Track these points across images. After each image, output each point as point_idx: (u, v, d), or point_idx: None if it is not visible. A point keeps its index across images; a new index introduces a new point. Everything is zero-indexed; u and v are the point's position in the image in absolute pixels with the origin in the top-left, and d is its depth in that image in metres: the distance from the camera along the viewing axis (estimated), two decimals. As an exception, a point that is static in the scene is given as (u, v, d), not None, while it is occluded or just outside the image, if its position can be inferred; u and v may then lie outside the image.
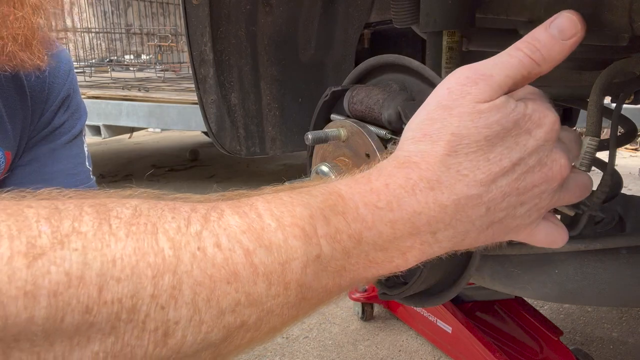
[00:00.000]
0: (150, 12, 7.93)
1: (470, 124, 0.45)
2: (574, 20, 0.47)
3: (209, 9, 1.12)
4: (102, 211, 0.36)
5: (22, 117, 0.85)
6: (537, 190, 0.48)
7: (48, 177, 0.89)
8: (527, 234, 0.52)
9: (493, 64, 0.49)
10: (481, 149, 0.46)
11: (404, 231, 0.45)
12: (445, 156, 0.45)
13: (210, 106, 1.22)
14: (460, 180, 0.45)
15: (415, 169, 0.45)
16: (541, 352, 1.70)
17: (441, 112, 0.46)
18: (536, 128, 0.48)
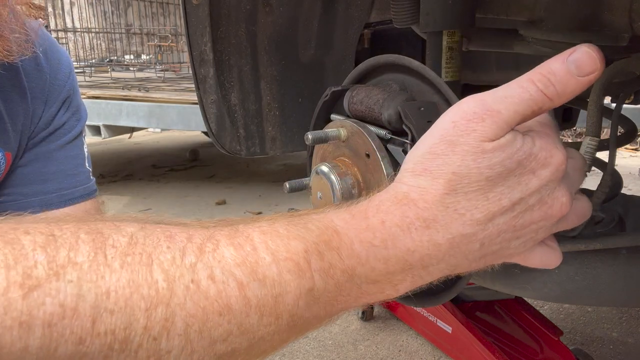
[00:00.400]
0: (150, 12, 7.93)
1: (472, 164, 0.44)
2: (593, 57, 0.45)
3: (209, 9, 1.11)
4: (98, 240, 0.36)
5: (22, 118, 0.85)
6: (535, 227, 0.48)
7: (48, 177, 0.89)
8: (521, 259, 0.52)
9: (503, 97, 0.46)
10: (481, 189, 0.45)
11: (396, 267, 0.45)
12: (444, 195, 0.45)
13: (210, 106, 1.22)
14: (457, 219, 0.45)
15: (412, 207, 0.45)
16: (541, 352, 1.70)
17: (444, 147, 0.45)
18: (541, 168, 0.47)
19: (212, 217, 2.54)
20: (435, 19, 0.84)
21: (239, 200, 3.96)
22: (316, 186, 0.73)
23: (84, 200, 0.93)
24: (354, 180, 0.71)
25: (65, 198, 0.90)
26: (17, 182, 0.88)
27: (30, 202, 0.88)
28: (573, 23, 0.78)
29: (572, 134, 5.24)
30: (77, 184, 0.92)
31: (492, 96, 0.46)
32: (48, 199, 0.89)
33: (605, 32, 0.77)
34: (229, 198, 4.01)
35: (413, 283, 0.47)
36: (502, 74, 1.33)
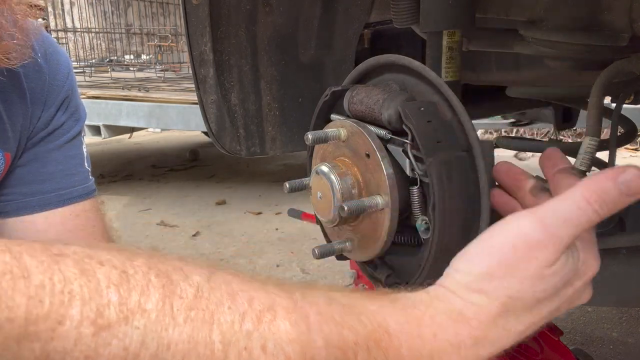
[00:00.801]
0: (150, 12, 7.93)
1: (529, 289, 0.47)
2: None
3: (209, 9, 1.11)
4: (167, 287, 0.38)
5: (21, 119, 0.85)
6: (557, 313, 0.52)
7: (46, 177, 0.89)
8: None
9: (563, 219, 0.48)
10: (530, 308, 0.48)
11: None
12: (497, 316, 0.47)
13: (210, 106, 1.22)
14: (504, 336, 0.48)
15: (466, 326, 0.47)
16: (541, 352, 1.70)
17: (503, 271, 0.48)
18: (578, 279, 0.51)
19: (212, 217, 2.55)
20: (435, 19, 0.84)
21: (239, 200, 3.96)
22: (316, 186, 0.73)
23: (82, 200, 0.92)
24: (354, 180, 0.71)
25: (63, 198, 0.90)
26: (15, 182, 0.88)
27: (29, 202, 0.88)
28: (573, 23, 0.78)
29: (572, 134, 5.24)
30: (75, 183, 0.92)
31: (553, 218, 0.48)
32: (46, 199, 0.89)
33: (605, 32, 0.77)
34: (229, 198, 4.01)
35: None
36: (502, 74, 1.33)
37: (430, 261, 0.67)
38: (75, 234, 0.90)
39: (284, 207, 3.37)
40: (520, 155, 4.90)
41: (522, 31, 0.84)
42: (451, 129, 0.67)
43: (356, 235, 0.74)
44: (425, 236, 0.68)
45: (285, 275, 2.65)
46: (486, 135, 5.42)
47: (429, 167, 0.64)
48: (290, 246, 3.04)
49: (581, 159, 0.77)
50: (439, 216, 0.64)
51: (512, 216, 0.51)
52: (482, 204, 0.66)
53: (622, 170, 0.49)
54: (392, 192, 0.66)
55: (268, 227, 3.36)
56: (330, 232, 0.81)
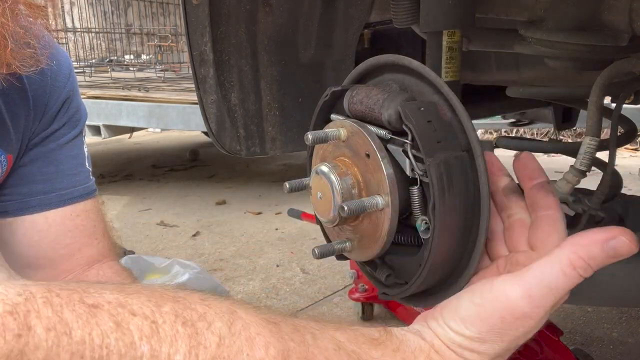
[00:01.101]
0: (150, 12, 7.93)
1: (512, 345, 0.52)
2: (630, 246, 0.51)
3: (209, 9, 1.11)
4: (193, 337, 0.41)
5: (23, 120, 0.85)
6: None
7: (47, 177, 0.89)
8: None
9: (548, 289, 0.50)
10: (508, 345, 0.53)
11: None
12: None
13: (210, 106, 1.22)
14: None
15: None
16: (541, 352, 1.70)
17: (493, 337, 0.52)
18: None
19: (212, 217, 2.55)
20: (435, 19, 0.84)
21: (239, 200, 3.96)
22: (316, 186, 0.73)
23: (83, 200, 0.92)
24: (354, 180, 0.71)
25: (64, 198, 0.90)
26: (16, 182, 0.88)
27: (29, 202, 0.88)
28: (573, 23, 0.78)
29: (572, 134, 5.24)
30: (76, 183, 0.92)
31: (539, 288, 0.50)
32: (47, 199, 0.89)
33: (605, 32, 0.77)
34: (229, 198, 4.01)
35: None
36: (502, 74, 1.33)
37: (430, 261, 0.67)
38: (76, 233, 0.90)
39: (284, 207, 3.38)
40: (520, 155, 4.88)
41: (522, 31, 0.84)
42: (451, 129, 0.67)
43: (356, 235, 0.74)
44: (425, 236, 0.68)
45: (285, 275, 2.65)
46: (486, 135, 5.41)
47: (429, 167, 0.64)
48: (290, 246, 3.04)
49: (581, 159, 0.77)
50: (439, 216, 0.64)
51: (501, 283, 0.54)
52: (482, 204, 0.66)
53: (610, 234, 0.51)
54: (392, 192, 0.66)
55: (268, 227, 3.36)
56: (330, 232, 0.81)
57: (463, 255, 0.70)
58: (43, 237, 0.88)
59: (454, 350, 0.53)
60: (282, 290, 2.47)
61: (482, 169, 0.65)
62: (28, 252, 0.88)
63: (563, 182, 0.79)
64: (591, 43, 0.77)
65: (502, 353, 0.52)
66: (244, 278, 2.63)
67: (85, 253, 0.91)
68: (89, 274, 0.91)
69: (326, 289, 2.47)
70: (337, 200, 0.69)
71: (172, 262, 2.23)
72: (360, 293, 2.09)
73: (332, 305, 2.31)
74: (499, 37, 0.96)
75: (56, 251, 0.88)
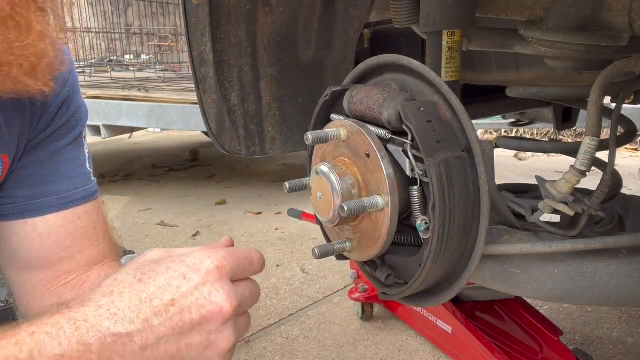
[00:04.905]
0: (150, 12, 7.92)
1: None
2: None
3: (209, 9, 1.11)
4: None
5: (20, 120, 0.84)
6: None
7: (47, 180, 0.89)
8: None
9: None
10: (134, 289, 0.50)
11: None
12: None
13: (210, 106, 1.22)
14: (108, 318, 0.48)
15: (61, 313, 0.48)
16: (541, 352, 1.70)
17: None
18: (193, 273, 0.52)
19: (212, 217, 2.54)
20: (435, 19, 0.84)
21: (239, 200, 3.95)
22: (316, 186, 0.73)
23: (84, 202, 0.92)
24: (354, 180, 0.71)
25: (65, 201, 0.89)
26: (16, 184, 0.87)
27: (30, 205, 0.87)
28: (573, 23, 0.78)
29: (572, 134, 5.24)
30: (77, 185, 0.92)
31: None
32: (48, 202, 0.88)
33: (605, 32, 0.77)
34: (229, 198, 4.01)
35: None
36: (502, 74, 1.33)
37: (430, 261, 0.67)
38: (77, 236, 0.90)
39: (284, 207, 3.37)
40: (520, 155, 4.90)
41: (522, 31, 0.84)
42: (451, 129, 0.67)
43: (356, 235, 0.74)
44: (425, 236, 0.68)
45: (285, 275, 2.64)
46: (486, 135, 5.41)
47: (429, 167, 0.64)
48: (290, 246, 3.03)
49: (581, 159, 0.77)
50: (439, 216, 0.64)
51: None
52: (482, 203, 0.66)
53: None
54: (392, 192, 0.66)
55: (268, 227, 3.36)
56: (330, 232, 0.81)
57: (463, 256, 0.70)
58: (44, 240, 0.87)
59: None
60: (282, 290, 2.47)
61: (482, 169, 0.65)
62: (28, 254, 0.87)
63: (563, 182, 0.79)
64: (591, 43, 0.77)
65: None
66: (244, 278, 2.63)
67: (86, 255, 0.91)
68: (90, 275, 0.90)
69: (326, 289, 2.47)
70: (337, 201, 0.69)
71: (172, 262, 2.23)
72: (360, 293, 2.09)
73: (332, 305, 2.31)
74: (499, 37, 0.96)
75: (57, 253, 0.88)
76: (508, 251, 0.77)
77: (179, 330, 0.49)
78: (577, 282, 0.78)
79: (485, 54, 1.31)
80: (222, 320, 0.51)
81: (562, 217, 0.88)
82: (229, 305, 0.51)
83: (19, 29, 0.68)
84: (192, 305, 0.50)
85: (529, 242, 0.77)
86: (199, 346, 0.51)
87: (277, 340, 2.06)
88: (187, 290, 0.50)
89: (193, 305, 0.50)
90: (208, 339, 0.51)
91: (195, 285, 0.50)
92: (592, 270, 0.78)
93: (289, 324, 2.18)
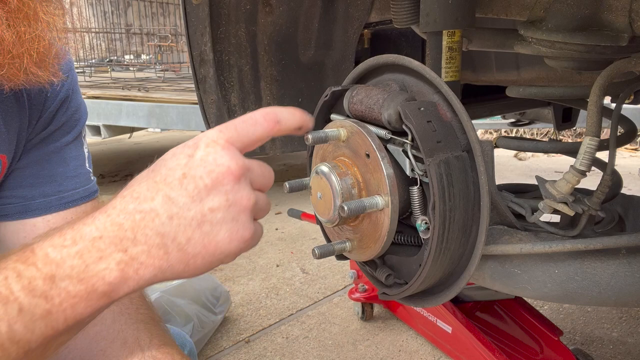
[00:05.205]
0: (150, 12, 7.93)
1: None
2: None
3: (209, 9, 1.11)
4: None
5: (18, 120, 0.84)
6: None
7: (47, 179, 0.89)
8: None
9: (234, 126, 0.58)
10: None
11: (93, 257, 0.51)
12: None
13: (210, 106, 1.22)
14: (132, 202, 0.53)
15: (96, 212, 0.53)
16: (541, 352, 1.70)
17: None
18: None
19: (212, 217, 2.45)
20: (435, 19, 0.84)
21: (239, 200, 3.96)
22: (316, 186, 0.73)
23: (84, 202, 0.92)
24: (354, 180, 0.71)
25: (65, 201, 0.89)
26: (15, 184, 0.87)
27: (30, 205, 0.87)
28: (573, 23, 0.78)
29: (572, 134, 5.24)
30: (77, 185, 0.91)
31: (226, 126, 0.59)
32: (48, 202, 0.88)
33: (605, 32, 0.77)
34: (229, 198, 4.01)
35: (123, 272, 0.52)
36: (502, 74, 1.33)
37: (430, 261, 0.67)
38: None
39: (284, 207, 3.37)
40: (520, 155, 4.90)
41: (522, 31, 0.84)
42: (451, 129, 0.67)
43: (356, 235, 0.74)
44: (425, 236, 0.68)
45: (285, 275, 2.65)
46: (486, 135, 5.42)
47: (429, 167, 0.64)
48: (290, 246, 3.04)
49: (581, 159, 0.77)
50: (439, 216, 0.64)
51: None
52: (482, 203, 0.66)
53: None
54: (392, 192, 0.66)
55: (268, 227, 3.36)
56: (330, 232, 0.81)
57: (463, 256, 0.70)
58: None
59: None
60: (282, 290, 2.47)
61: (482, 169, 0.65)
62: None
63: (563, 182, 0.79)
64: (591, 43, 0.77)
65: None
66: (244, 278, 2.63)
67: None
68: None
69: (326, 289, 2.47)
70: (337, 201, 0.69)
71: (172, 262, 2.23)
72: (360, 293, 2.09)
73: (332, 305, 2.31)
74: (499, 37, 0.96)
75: None
76: (508, 251, 0.77)
77: (198, 197, 0.53)
78: (577, 282, 0.78)
79: (485, 54, 1.31)
80: (233, 178, 0.54)
81: (562, 217, 0.88)
82: (235, 164, 0.55)
83: (27, 20, 0.69)
84: (202, 173, 0.53)
85: (529, 242, 0.77)
86: (221, 206, 0.54)
87: (277, 340, 2.06)
88: (194, 163, 0.54)
89: (203, 173, 0.53)
90: (227, 199, 0.54)
91: (200, 158, 0.54)
92: (592, 270, 0.78)
93: (289, 324, 2.18)
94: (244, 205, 0.55)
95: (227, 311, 2.19)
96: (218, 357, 1.98)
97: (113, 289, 0.52)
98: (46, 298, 0.50)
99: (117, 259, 0.51)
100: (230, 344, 2.05)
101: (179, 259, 0.53)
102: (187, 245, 0.53)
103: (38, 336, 0.50)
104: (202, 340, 1.97)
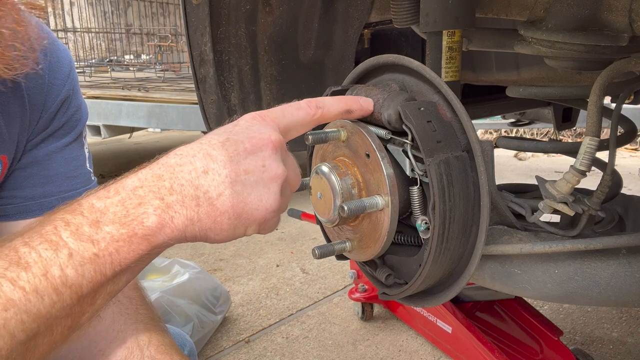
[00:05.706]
0: (150, 12, 7.93)
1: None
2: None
3: (209, 9, 1.11)
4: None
5: (19, 120, 0.84)
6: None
7: (48, 180, 0.89)
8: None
9: (281, 111, 0.63)
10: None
11: (133, 203, 0.55)
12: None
13: (210, 106, 1.22)
14: (174, 157, 0.57)
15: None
16: (541, 352, 1.70)
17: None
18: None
19: (212, 217, 2.45)
20: (435, 19, 0.84)
21: (239, 200, 3.96)
22: (316, 186, 0.73)
23: None
24: (354, 180, 0.71)
25: (65, 201, 0.89)
26: (16, 185, 0.87)
27: (30, 206, 0.87)
28: (573, 23, 0.78)
29: (572, 134, 5.24)
30: (78, 185, 0.91)
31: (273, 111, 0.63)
32: (48, 202, 0.88)
33: (605, 32, 0.77)
34: (229, 198, 4.01)
35: (160, 218, 0.55)
36: (502, 74, 1.33)
37: (430, 261, 0.67)
38: None
39: (284, 207, 3.37)
40: (520, 155, 4.90)
41: (522, 31, 0.84)
42: (451, 129, 0.67)
43: (356, 235, 0.74)
44: (425, 236, 0.68)
45: (285, 275, 2.65)
46: (486, 135, 5.42)
47: (429, 167, 0.64)
48: (290, 246, 3.04)
49: (581, 159, 0.77)
50: (439, 216, 0.64)
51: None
52: (482, 203, 0.66)
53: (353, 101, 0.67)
54: (392, 192, 0.66)
55: (268, 227, 3.36)
56: (330, 232, 0.81)
57: (463, 256, 0.70)
58: None
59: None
60: (282, 290, 2.47)
61: (482, 169, 0.65)
62: None
63: (563, 182, 0.79)
64: (591, 43, 0.77)
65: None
66: (244, 278, 2.63)
67: None
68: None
69: (326, 289, 2.47)
70: (337, 201, 0.69)
71: (172, 262, 2.23)
72: (360, 293, 2.09)
73: (332, 305, 2.31)
74: (499, 37, 0.96)
75: None
76: (508, 251, 0.77)
77: (236, 158, 0.56)
78: (577, 282, 0.78)
79: (485, 54, 1.31)
80: (272, 147, 0.58)
81: (562, 217, 0.88)
82: (275, 136, 0.58)
83: None
84: (244, 138, 0.57)
85: (529, 242, 0.77)
86: (256, 170, 0.57)
87: (277, 340, 2.06)
88: (238, 130, 0.58)
89: (245, 137, 0.57)
90: (264, 164, 0.57)
91: (244, 126, 0.58)
92: (592, 270, 0.78)
93: (289, 324, 2.18)
94: (278, 174, 0.58)
95: (227, 311, 2.20)
96: (218, 357, 1.98)
97: (152, 233, 0.55)
98: (93, 242, 0.53)
99: (155, 205, 0.55)
100: (230, 344, 2.05)
101: (208, 213, 0.55)
102: (217, 200, 0.55)
103: (88, 281, 0.53)
104: (202, 340, 1.97)
